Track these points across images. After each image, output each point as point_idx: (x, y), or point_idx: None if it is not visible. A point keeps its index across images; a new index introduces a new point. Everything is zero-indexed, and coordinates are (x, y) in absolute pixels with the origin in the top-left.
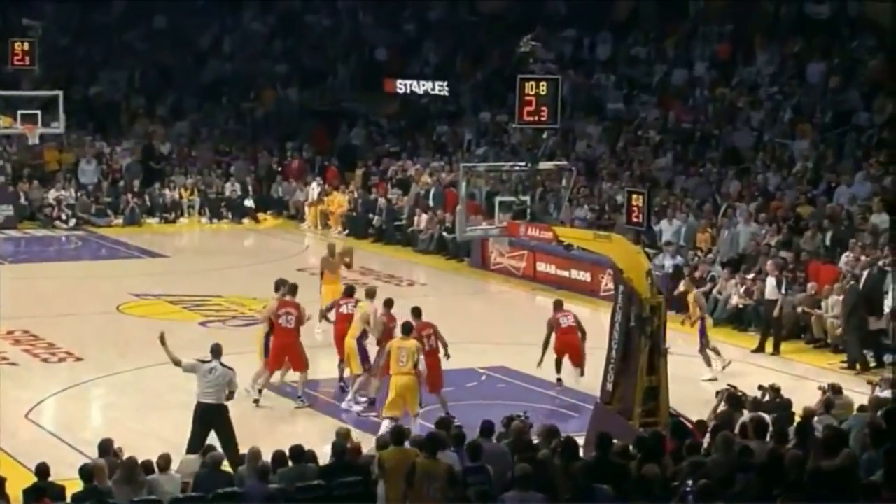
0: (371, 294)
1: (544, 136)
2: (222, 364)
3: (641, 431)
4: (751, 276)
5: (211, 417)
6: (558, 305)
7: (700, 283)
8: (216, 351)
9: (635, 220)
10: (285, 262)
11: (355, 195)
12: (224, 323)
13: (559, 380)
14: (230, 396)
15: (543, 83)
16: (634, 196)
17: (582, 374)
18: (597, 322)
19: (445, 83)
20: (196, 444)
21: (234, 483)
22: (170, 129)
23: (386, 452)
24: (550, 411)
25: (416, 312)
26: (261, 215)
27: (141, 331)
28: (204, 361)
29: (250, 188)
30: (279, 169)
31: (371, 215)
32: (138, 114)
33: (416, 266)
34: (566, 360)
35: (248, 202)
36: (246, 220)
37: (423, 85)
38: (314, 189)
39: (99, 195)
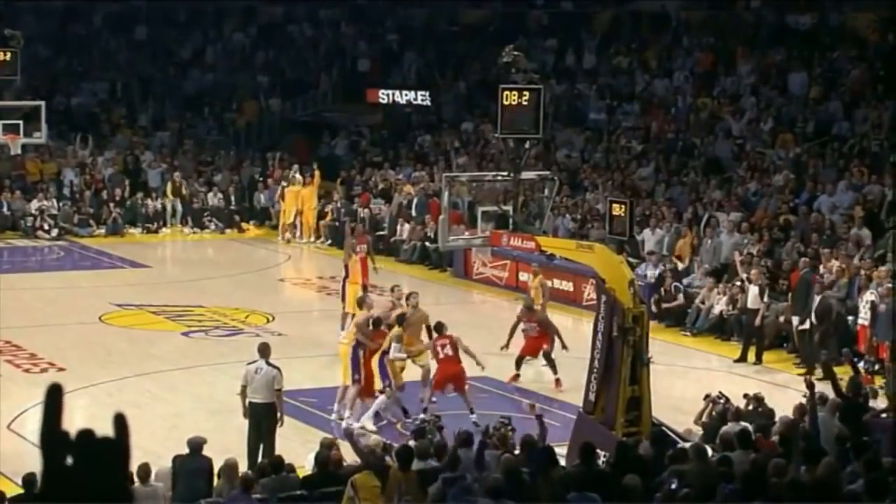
0: (360, 304)
1: (526, 145)
2: (268, 363)
3: (623, 441)
4: (737, 283)
5: (258, 415)
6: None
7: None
8: (263, 351)
9: (617, 229)
10: (267, 272)
11: (338, 205)
12: (206, 333)
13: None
14: (278, 395)
15: (525, 93)
16: (617, 206)
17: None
18: (579, 332)
19: (427, 93)
20: (252, 442)
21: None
22: (151, 139)
23: (359, 476)
24: (531, 421)
25: (438, 327)
26: (244, 225)
27: (123, 341)
28: (251, 362)
29: (233, 198)
30: (261, 179)
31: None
32: (120, 124)
33: (399, 276)
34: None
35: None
36: (229, 231)
37: (406, 95)
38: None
39: (81, 205)
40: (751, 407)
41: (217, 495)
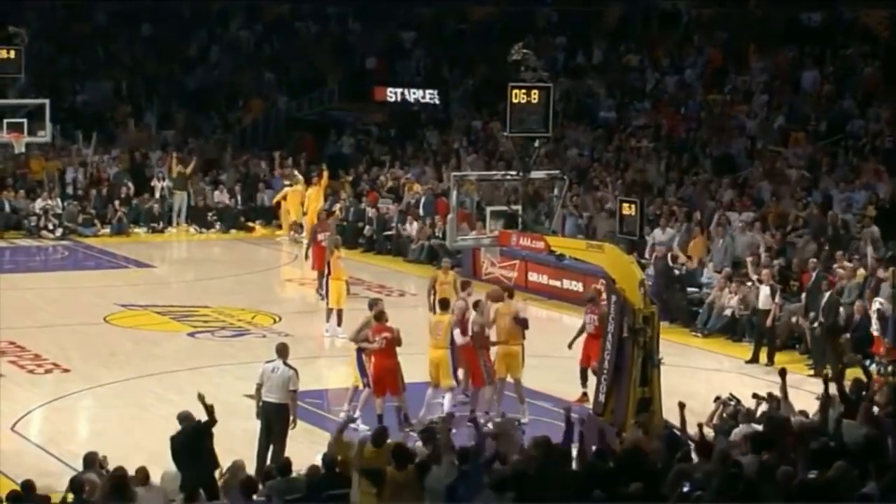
0: (371, 307)
1: (536, 144)
2: (286, 364)
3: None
4: (748, 283)
5: (270, 415)
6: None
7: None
8: (281, 351)
9: (628, 228)
10: (274, 271)
11: (346, 204)
12: (213, 334)
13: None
14: (292, 397)
15: (535, 91)
16: (627, 205)
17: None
18: None
19: (435, 91)
20: (262, 442)
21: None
22: (157, 137)
23: (367, 449)
24: (542, 422)
25: (379, 316)
26: (251, 224)
27: (128, 342)
28: (269, 361)
29: (239, 197)
30: (263, 178)
31: (361, 224)
32: (125, 123)
33: (407, 276)
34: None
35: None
36: (234, 230)
37: (413, 93)
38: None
39: (86, 204)
40: (765, 406)
41: (224, 493)
